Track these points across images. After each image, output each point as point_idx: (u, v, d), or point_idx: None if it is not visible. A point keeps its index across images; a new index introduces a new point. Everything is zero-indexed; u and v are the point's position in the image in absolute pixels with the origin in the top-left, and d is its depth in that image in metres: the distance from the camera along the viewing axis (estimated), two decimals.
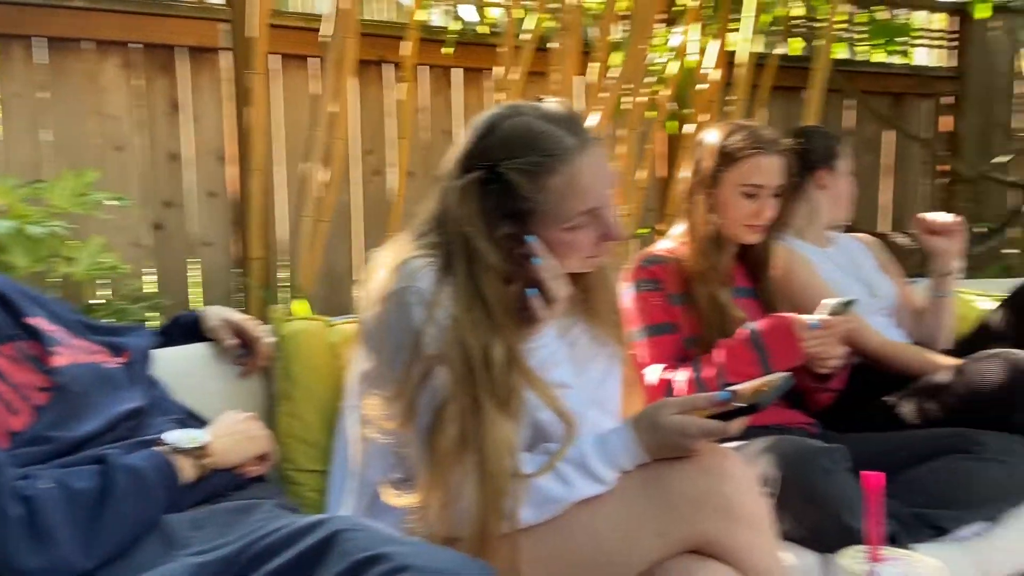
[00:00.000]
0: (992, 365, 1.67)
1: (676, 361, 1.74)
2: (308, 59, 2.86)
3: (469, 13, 3.18)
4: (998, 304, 1.93)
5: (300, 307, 2.06)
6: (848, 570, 0.98)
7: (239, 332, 1.46)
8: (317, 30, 2.51)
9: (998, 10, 4.36)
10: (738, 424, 1.10)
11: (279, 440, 1.42)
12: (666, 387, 1.71)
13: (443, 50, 3.14)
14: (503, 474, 1.09)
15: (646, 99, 3.11)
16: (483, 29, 3.23)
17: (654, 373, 1.73)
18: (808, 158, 2.02)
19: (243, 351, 1.46)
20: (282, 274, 2.74)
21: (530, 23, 2.82)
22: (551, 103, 1.17)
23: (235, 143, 2.69)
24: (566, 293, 1.17)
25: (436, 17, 3.35)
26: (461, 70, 3.23)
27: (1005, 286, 2.10)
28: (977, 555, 1.55)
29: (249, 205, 2.45)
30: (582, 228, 1.16)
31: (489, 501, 1.08)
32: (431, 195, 1.20)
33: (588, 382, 1.29)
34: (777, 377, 1.15)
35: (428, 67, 3.20)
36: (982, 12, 4.14)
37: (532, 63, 3.17)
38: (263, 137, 2.48)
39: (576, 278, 1.28)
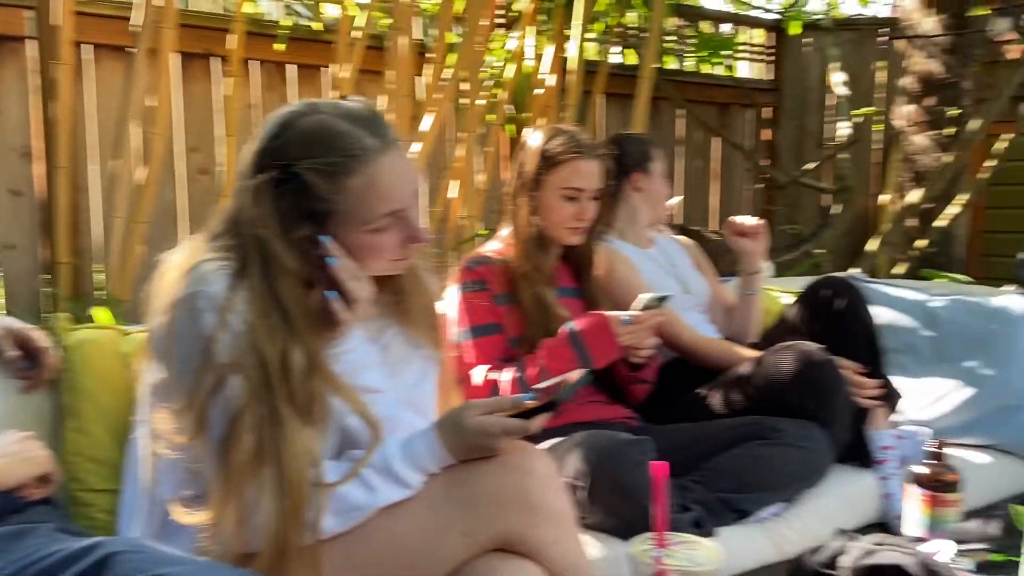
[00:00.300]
0: (786, 357, 1.78)
1: (501, 361, 1.76)
2: (127, 50, 2.68)
3: (303, 8, 3.09)
4: (794, 300, 2.07)
5: (101, 314, 1.92)
6: (636, 557, 1.01)
7: (22, 343, 1.34)
8: None
9: (810, 27, 4.71)
10: (539, 421, 1.12)
11: (66, 459, 1.32)
12: (491, 387, 1.72)
13: (275, 46, 3.04)
14: (303, 484, 1.05)
15: (484, 102, 3.14)
16: (317, 25, 3.15)
17: (479, 374, 1.73)
18: (624, 162, 2.09)
19: (27, 363, 1.34)
20: (101, 277, 2.56)
21: (362, 20, 2.77)
22: (352, 102, 1.14)
23: (42, 139, 2.49)
24: (368, 294, 1.14)
25: (275, 11, 3.24)
26: (295, 66, 3.14)
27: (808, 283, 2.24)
28: (775, 534, 1.65)
29: (56, 205, 2.27)
30: (386, 230, 1.13)
31: (288, 513, 1.04)
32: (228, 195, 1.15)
33: (402, 385, 1.27)
34: (576, 373, 1.17)
35: (260, 62, 3.08)
36: (794, 29, 4.46)
37: (370, 62, 3.12)
38: (69, 132, 2.31)
39: (388, 281, 1.26)
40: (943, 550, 1.20)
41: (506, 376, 1.71)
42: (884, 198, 4.63)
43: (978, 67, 4.11)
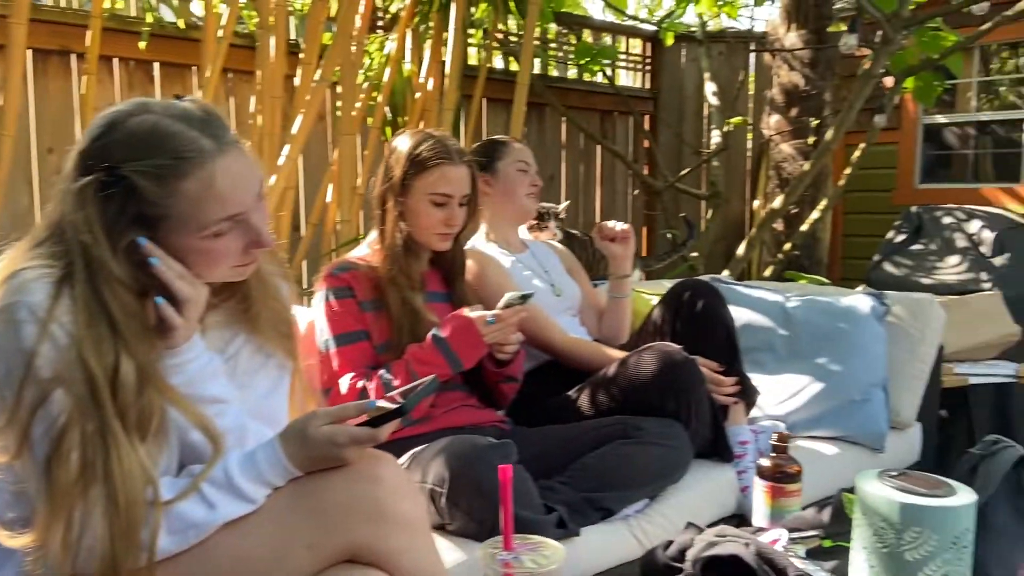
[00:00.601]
0: (648, 357, 1.82)
1: (369, 369, 1.73)
2: None
3: (165, 5, 2.97)
4: (658, 302, 2.13)
5: None
6: (484, 559, 1.01)
7: None
8: None
9: (684, 38, 4.88)
10: (388, 429, 1.10)
11: None
12: (358, 396, 1.68)
13: (140, 44, 2.91)
14: (137, 503, 1.00)
15: (360, 105, 3.09)
16: (181, 22, 3.03)
17: (346, 382, 1.70)
18: (478, 166, 2.09)
19: None
20: None
21: (229, 18, 2.68)
22: (186, 101, 1.09)
23: None
24: (200, 295, 1.09)
25: (162, 8, 3.10)
26: (159, 65, 3.01)
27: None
28: (638, 530, 1.68)
29: None
30: (225, 235, 1.09)
31: (120, 534, 0.99)
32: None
33: (252, 396, 1.22)
34: (426, 379, 1.16)
35: (123, 60, 2.95)
36: (669, 39, 4.61)
37: (242, 61, 3.03)
38: None
39: (235, 288, 1.22)
40: (780, 538, 1.26)
41: (372, 384, 1.68)
42: (756, 204, 4.86)
43: (837, 80, 4.37)
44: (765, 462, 1.55)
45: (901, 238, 3.78)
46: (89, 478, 0.99)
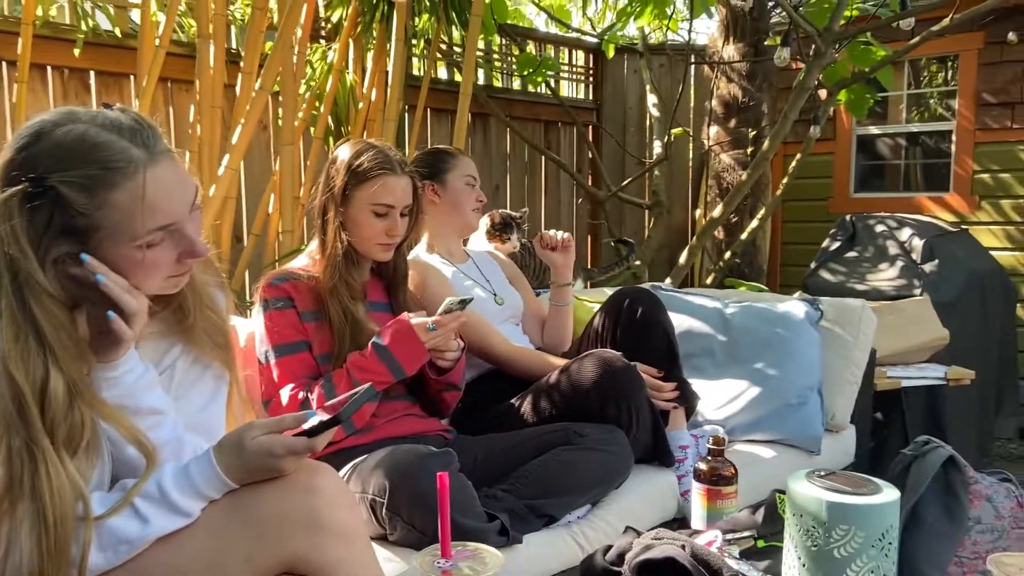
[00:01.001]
0: (588, 364, 1.85)
1: (309, 379, 1.72)
2: None
3: (101, 12, 2.91)
4: (598, 309, 2.16)
5: None
6: (422, 567, 1.02)
7: None
8: None
9: (626, 51, 4.97)
10: (325, 439, 1.10)
11: None
12: (299, 407, 1.67)
13: (75, 51, 2.85)
14: (66, 519, 0.98)
15: (302, 115, 3.08)
16: (118, 30, 2.97)
17: (286, 393, 1.69)
18: (423, 176, 2.11)
19: None
20: None
21: (166, 26, 2.64)
22: (115, 110, 1.08)
23: None
24: (145, 309, 1.08)
25: (98, 16, 3.03)
26: (95, 73, 2.95)
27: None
28: (580, 536, 1.70)
29: None
30: (157, 246, 1.08)
31: (50, 551, 0.97)
32: None
33: (188, 408, 1.21)
34: (361, 388, 1.17)
35: (57, 69, 2.88)
36: (611, 52, 4.68)
37: (181, 70, 2.99)
38: None
39: (170, 298, 1.21)
40: (715, 540, 1.29)
41: (314, 395, 1.67)
42: (697, 212, 4.95)
43: (775, 92, 4.49)
44: (702, 465, 1.59)
45: (836, 245, 3.89)
46: (16, 495, 0.97)
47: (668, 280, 3.60)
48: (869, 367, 2.48)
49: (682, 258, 3.95)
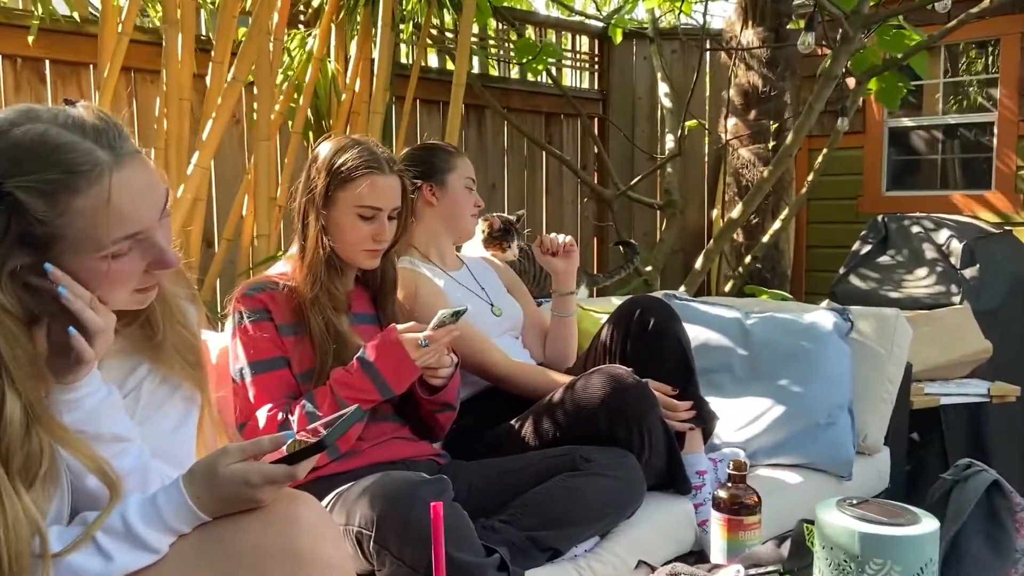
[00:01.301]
0: (595, 381, 1.85)
1: (289, 399, 1.72)
2: None
3: None
4: (606, 320, 2.17)
5: None
6: None
7: None
8: None
9: (634, 36, 4.98)
10: (307, 465, 1.10)
11: None
12: (278, 429, 1.67)
13: (29, 38, 2.86)
14: (22, 556, 0.99)
15: (279, 107, 3.09)
16: (76, 15, 2.99)
17: (263, 414, 1.69)
18: (418, 176, 2.11)
19: None
20: None
21: (129, 11, 2.65)
22: (79, 107, 1.08)
23: None
24: (111, 327, 1.09)
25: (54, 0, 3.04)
26: (51, 63, 2.96)
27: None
28: (587, 571, 1.70)
29: None
30: (124, 255, 1.08)
31: None
32: None
33: (156, 432, 1.22)
34: (348, 409, 1.17)
35: (8, 58, 2.89)
36: (618, 36, 4.70)
37: (146, 59, 3.00)
38: None
39: (137, 312, 1.21)
40: (736, 575, 1.29)
41: (294, 416, 1.68)
42: (714, 213, 4.96)
43: (798, 81, 4.51)
44: (721, 493, 1.59)
45: (867, 249, 3.90)
46: None
47: (682, 288, 3.61)
48: (904, 383, 2.49)
49: (698, 263, 3.96)
